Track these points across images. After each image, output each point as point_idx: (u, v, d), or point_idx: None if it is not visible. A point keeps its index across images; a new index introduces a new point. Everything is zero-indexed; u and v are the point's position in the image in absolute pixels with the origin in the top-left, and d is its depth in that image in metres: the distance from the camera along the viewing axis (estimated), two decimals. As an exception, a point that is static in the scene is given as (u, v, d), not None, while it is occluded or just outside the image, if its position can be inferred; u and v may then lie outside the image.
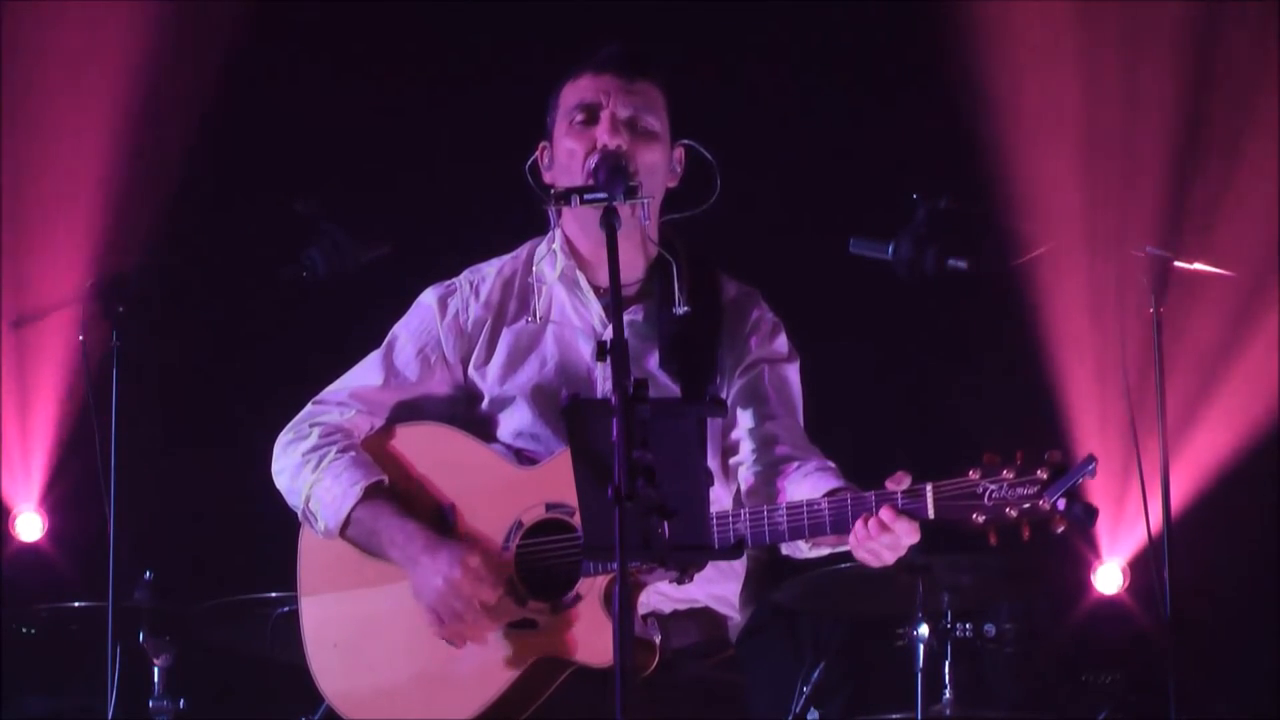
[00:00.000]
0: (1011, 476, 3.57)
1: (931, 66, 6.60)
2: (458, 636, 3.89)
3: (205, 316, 6.79)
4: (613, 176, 3.80)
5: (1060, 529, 3.56)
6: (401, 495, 4.03)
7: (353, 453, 4.05)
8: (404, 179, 6.95)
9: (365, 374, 4.16)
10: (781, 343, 4.10)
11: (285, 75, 6.87)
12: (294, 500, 4.09)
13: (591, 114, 4.00)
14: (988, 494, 3.58)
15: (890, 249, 4.80)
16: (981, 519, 3.58)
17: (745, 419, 4.01)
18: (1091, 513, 3.53)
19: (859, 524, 3.65)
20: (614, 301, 3.56)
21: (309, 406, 4.16)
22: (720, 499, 3.97)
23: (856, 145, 6.81)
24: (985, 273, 4.81)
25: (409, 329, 4.18)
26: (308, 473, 4.04)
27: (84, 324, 5.70)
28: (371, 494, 4.00)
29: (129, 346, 5.58)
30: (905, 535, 3.63)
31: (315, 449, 4.06)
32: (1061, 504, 3.52)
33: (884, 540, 3.64)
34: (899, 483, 3.65)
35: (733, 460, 4.01)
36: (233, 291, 6.67)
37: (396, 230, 5.08)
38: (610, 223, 3.68)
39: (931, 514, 3.62)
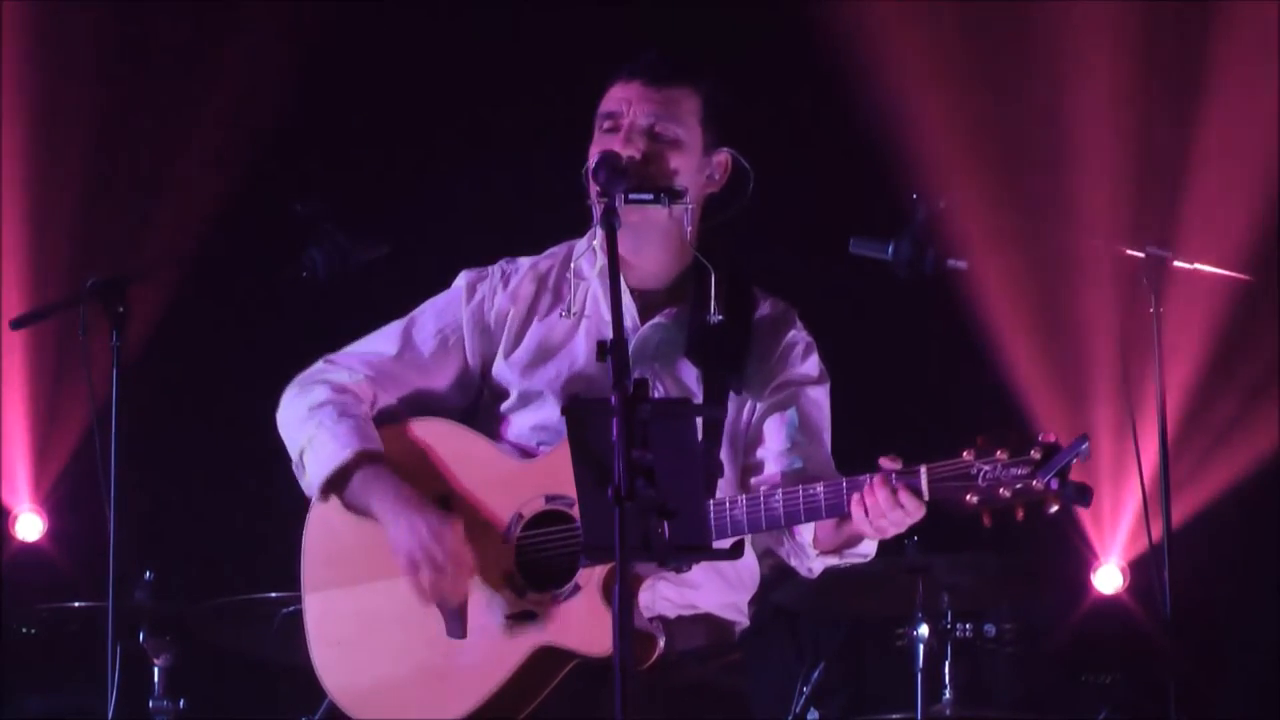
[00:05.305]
0: (1005, 457, 3.56)
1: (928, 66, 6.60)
2: (435, 590, 3.87)
3: (206, 316, 6.79)
4: (611, 177, 3.82)
5: (1054, 509, 3.54)
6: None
7: (355, 419, 4.04)
8: (404, 179, 6.95)
9: (381, 342, 4.16)
10: (813, 364, 4.09)
11: (285, 75, 6.87)
12: (291, 450, 4.09)
13: (615, 122, 4.02)
14: (981, 475, 3.57)
15: (890, 249, 4.79)
16: (975, 499, 3.57)
17: (772, 441, 4.00)
18: (1085, 492, 3.52)
19: (854, 502, 3.65)
20: (613, 302, 3.54)
21: (319, 363, 4.17)
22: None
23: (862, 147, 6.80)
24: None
25: (435, 306, 4.19)
26: (311, 427, 4.04)
27: (84, 324, 5.70)
28: (373, 459, 3.99)
29: (129, 346, 5.57)
30: (907, 502, 3.62)
31: (320, 405, 4.06)
32: (1055, 484, 3.51)
33: (884, 502, 3.63)
34: (892, 465, 3.65)
35: (754, 479, 3.99)
36: (233, 291, 6.66)
37: (396, 231, 5.08)
38: (610, 222, 3.69)
39: (926, 495, 3.62)
